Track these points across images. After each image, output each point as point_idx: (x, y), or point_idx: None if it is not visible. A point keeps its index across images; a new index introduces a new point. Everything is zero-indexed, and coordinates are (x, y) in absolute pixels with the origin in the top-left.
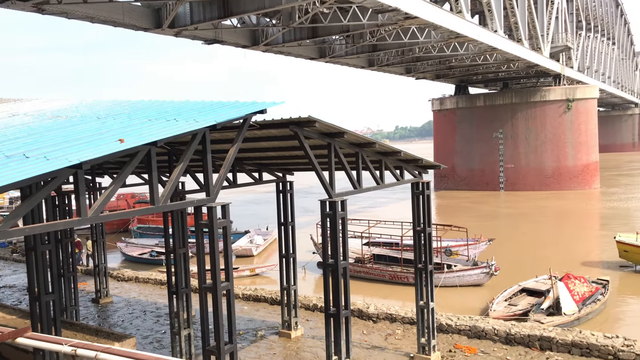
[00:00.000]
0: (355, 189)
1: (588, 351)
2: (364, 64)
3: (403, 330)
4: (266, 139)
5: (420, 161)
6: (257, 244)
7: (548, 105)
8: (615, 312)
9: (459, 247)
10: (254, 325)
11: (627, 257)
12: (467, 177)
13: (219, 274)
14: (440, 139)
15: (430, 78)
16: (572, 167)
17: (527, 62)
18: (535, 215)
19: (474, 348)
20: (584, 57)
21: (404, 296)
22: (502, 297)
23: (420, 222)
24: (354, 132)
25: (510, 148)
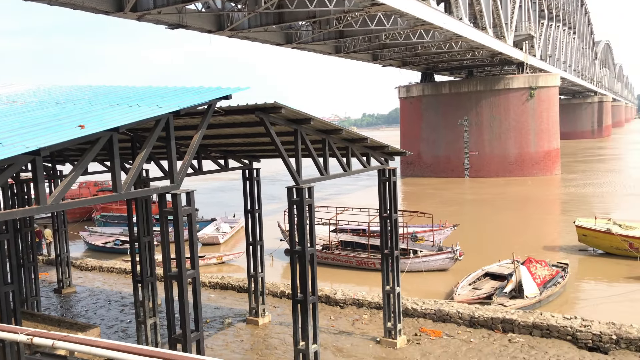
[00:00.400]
0: (322, 175)
1: (548, 332)
2: (331, 50)
3: (370, 315)
4: (232, 125)
5: (386, 148)
6: (223, 232)
7: (511, 93)
8: (574, 294)
9: (425, 232)
10: (221, 313)
11: (585, 241)
12: (432, 163)
13: (184, 262)
14: (406, 126)
15: (396, 65)
16: (534, 154)
17: (491, 50)
18: (499, 201)
19: (439, 331)
20: (546, 45)
21: (371, 282)
22: (467, 281)
23: (386, 209)
24: (321, 119)
25: (475, 135)
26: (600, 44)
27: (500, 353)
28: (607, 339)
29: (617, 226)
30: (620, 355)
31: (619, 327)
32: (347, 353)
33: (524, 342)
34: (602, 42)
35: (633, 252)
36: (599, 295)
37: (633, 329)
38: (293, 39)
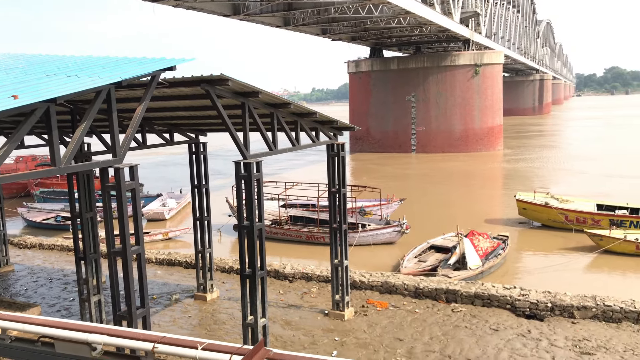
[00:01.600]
0: (270, 150)
1: (489, 301)
2: (280, 23)
3: (318, 289)
4: (177, 97)
5: (335, 123)
6: (170, 208)
7: (458, 69)
8: (514, 265)
9: (373, 207)
10: (168, 289)
11: (525, 215)
12: (381, 139)
13: (128, 238)
14: (355, 102)
15: (346, 40)
16: (478, 130)
17: (438, 26)
18: (444, 176)
19: (385, 303)
20: (492, 23)
21: (320, 256)
22: (412, 254)
23: (335, 184)
24: (269, 92)
25: (422, 111)
26: (542, 23)
27: (444, 322)
28: (543, 307)
29: (555, 200)
30: (554, 322)
31: (554, 295)
32: (295, 326)
33: (466, 311)
34: (543, 21)
35: (568, 224)
36: (536, 265)
37: (566, 297)
38: (241, 10)
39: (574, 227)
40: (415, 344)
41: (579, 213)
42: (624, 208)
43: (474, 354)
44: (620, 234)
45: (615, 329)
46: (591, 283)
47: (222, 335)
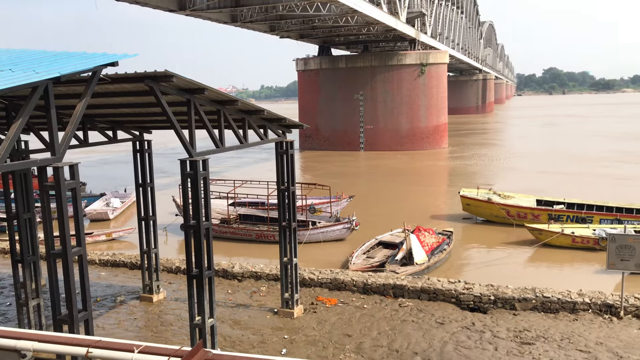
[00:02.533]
0: (217, 147)
1: (435, 295)
2: (227, 19)
3: (268, 287)
4: (120, 94)
5: (283, 120)
6: (114, 207)
7: (404, 69)
8: (459, 260)
9: (323, 204)
10: (112, 291)
11: (469, 210)
12: (330, 137)
13: (68, 239)
14: (304, 99)
15: (294, 37)
16: (424, 128)
17: (385, 25)
18: (392, 174)
19: (334, 299)
20: (437, 24)
21: (270, 254)
22: (361, 250)
23: (284, 181)
24: (216, 89)
25: (370, 109)
26: (485, 24)
27: (392, 317)
28: (487, 300)
29: (497, 196)
30: (497, 314)
31: (497, 288)
32: (244, 325)
33: (413, 305)
34: (486, 23)
35: (510, 219)
36: (480, 259)
37: (508, 290)
38: (187, 5)
39: (515, 222)
40: (364, 339)
41: (519, 208)
42: (561, 203)
43: (420, 347)
44: (558, 228)
45: (553, 319)
46: (531, 275)
47: (169, 337)
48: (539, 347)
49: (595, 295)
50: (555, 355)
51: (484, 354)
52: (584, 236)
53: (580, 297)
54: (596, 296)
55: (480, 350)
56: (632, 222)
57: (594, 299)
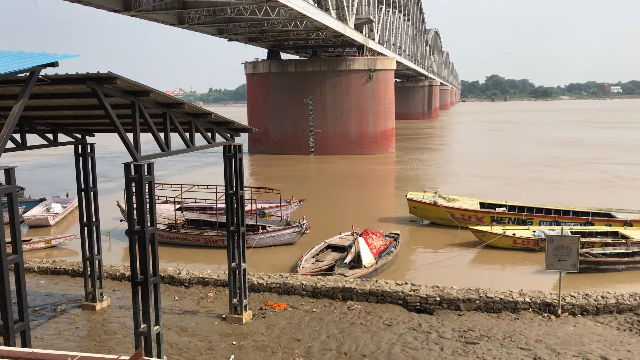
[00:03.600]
0: (163, 151)
1: (383, 298)
2: (174, 21)
3: (216, 293)
4: (60, 96)
5: (231, 124)
6: (55, 213)
7: (353, 74)
8: (406, 262)
9: (273, 208)
10: (52, 299)
11: (416, 213)
12: (280, 141)
13: (4, 247)
14: (254, 103)
15: (243, 41)
16: (372, 133)
17: (334, 31)
18: (341, 177)
19: (284, 304)
20: (384, 30)
21: (219, 259)
22: (310, 254)
23: (232, 185)
24: (161, 92)
25: (320, 114)
26: (430, 32)
27: (340, 320)
28: (432, 301)
29: (442, 199)
30: (443, 315)
31: (442, 289)
32: (191, 332)
33: (361, 308)
34: (432, 30)
35: (455, 221)
36: (426, 261)
37: (453, 291)
38: (132, 5)
39: (460, 225)
40: (313, 343)
41: (464, 211)
42: (503, 206)
43: (368, 349)
44: (500, 230)
45: (496, 318)
46: (475, 276)
47: (114, 346)
48: (482, 346)
49: (535, 295)
50: (498, 354)
51: (430, 355)
52: (525, 237)
53: (521, 297)
54: (536, 295)
55: (427, 351)
56: (568, 223)
57: (534, 298)
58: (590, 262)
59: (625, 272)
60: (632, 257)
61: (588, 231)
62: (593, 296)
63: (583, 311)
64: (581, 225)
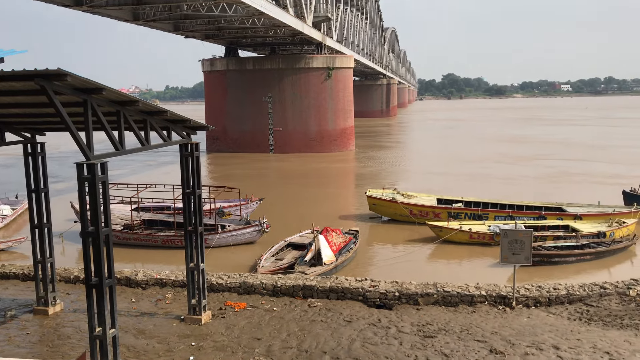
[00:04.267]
0: (117, 150)
1: (343, 294)
2: (128, 17)
3: (174, 294)
4: (7, 93)
5: (188, 122)
6: (3, 215)
7: (311, 72)
8: (365, 258)
9: (232, 207)
10: (2, 305)
11: (375, 210)
12: (238, 139)
13: None
14: (211, 101)
15: (199, 38)
16: (332, 131)
17: (292, 29)
18: (301, 175)
19: (244, 303)
20: (342, 28)
21: (177, 260)
22: (270, 253)
23: (189, 185)
24: (115, 89)
25: (279, 112)
26: (388, 31)
27: (301, 318)
28: (392, 296)
29: (401, 195)
30: (402, 309)
31: (401, 284)
32: (149, 334)
33: (322, 305)
34: (389, 29)
35: (413, 218)
36: (385, 257)
37: (412, 286)
38: (84, 0)
39: (418, 221)
40: (274, 342)
41: (422, 207)
42: (459, 201)
43: (329, 346)
44: (457, 225)
45: (453, 312)
46: (433, 271)
47: (67, 351)
48: (440, 340)
49: (490, 288)
50: (456, 347)
51: (390, 349)
52: (480, 232)
53: (477, 290)
54: (491, 289)
55: (386, 346)
56: (522, 218)
57: (490, 291)
58: (543, 255)
59: (575, 264)
60: (581, 250)
61: (541, 225)
62: (545, 288)
63: (536, 303)
64: (534, 219)
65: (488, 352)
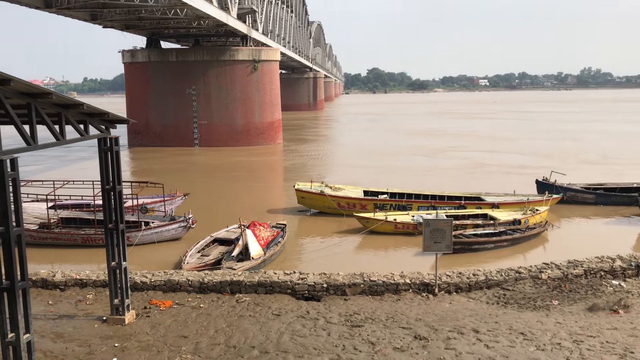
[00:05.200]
0: (28, 145)
1: (271, 288)
2: (40, 4)
3: (95, 294)
4: None
5: (106, 115)
6: None
7: (237, 64)
8: (294, 251)
9: (156, 203)
10: None
11: (304, 203)
12: (162, 132)
13: None
14: (133, 94)
15: (119, 28)
16: (259, 124)
17: (216, 20)
18: (228, 170)
19: (169, 301)
20: (268, 21)
21: (99, 259)
22: (195, 249)
23: (109, 180)
24: (24, 80)
25: (204, 105)
26: (313, 24)
27: (229, 314)
28: (320, 288)
29: (329, 188)
30: (330, 301)
31: (329, 276)
32: (68, 337)
33: (250, 300)
34: (315, 23)
35: (341, 210)
36: (314, 249)
37: (339, 277)
38: None
39: (345, 212)
40: (201, 339)
41: (349, 199)
42: (385, 193)
43: (257, 340)
44: (382, 216)
45: (379, 300)
46: (360, 261)
47: None
48: (367, 328)
49: (414, 276)
50: (382, 335)
51: (318, 340)
52: (405, 222)
53: (402, 279)
54: (415, 277)
55: (315, 337)
56: (444, 207)
57: (414, 279)
58: (464, 242)
59: (493, 251)
60: (499, 237)
61: (461, 214)
62: (466, 274)
63: (457, 289)
64: (455, 209)
65: (413, 338)
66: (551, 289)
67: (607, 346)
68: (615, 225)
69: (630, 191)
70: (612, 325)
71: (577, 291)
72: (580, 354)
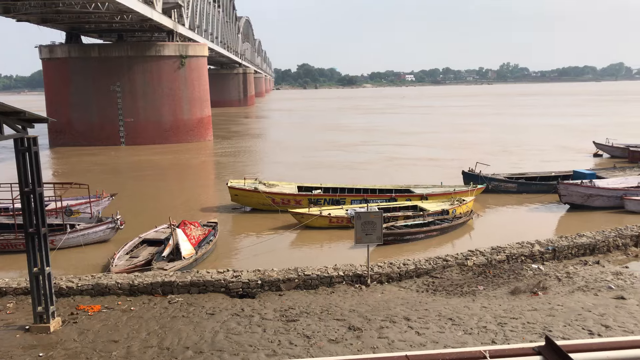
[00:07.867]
0: None
1: (205, 287)
2: None
3: (16, 303)
4: None
5: (22, 114)
6: None
7: (163, 60)
8: (228, 249)
9: (81, 205)
10: None
11: (237, 200)
12: (85, 131)
13: None
14: (52, 91)
15: (35, 21)
16: (188, 121)
17: (140, 15)
18: (157, 168)
19: (98, 306)
20: (194, 16)
21: (21, 265)
22: (123, 250)
23: (28, 183)
24: None
25: (129, 102)
26: (242, 20)
27: (161, 315)
28: (254, 285)
29: (263, 185)
30: (264, 297)
31: (263, 272)
32: None
33: (183, 301)
34: (243, 18)
35: (275, 206)
36: (248, 247)
37: (274, 272)
38: None
39: (280, 209)
40: (132, 343)
41: (283, 195)
42: (318, 188)
43: (191, 341)
44: (317, 211)
45: (314, 294)
46: (295, 257)
47: None
48: (302, 322)
49: (347, 268)
50: (317, 327)
51: (254, 337)
52: (339, 216)
53: (335, 272)
54: (348, 269)
55: (250, 334)
56: (376, 200)
57: (347, 271)
58: (395, 234)
59: (423, 241)
60: (428, 227)
61: (393, 206)
62: (396, 264)
63: (389, 279)
64: (386, 201)
65: (347, 329)
66: (476, 275)
67: (528, 326)
68: (535, 212)
69: (550, 180)
70: (532, 307)
71: (501, 276)
72: (505, 335)
